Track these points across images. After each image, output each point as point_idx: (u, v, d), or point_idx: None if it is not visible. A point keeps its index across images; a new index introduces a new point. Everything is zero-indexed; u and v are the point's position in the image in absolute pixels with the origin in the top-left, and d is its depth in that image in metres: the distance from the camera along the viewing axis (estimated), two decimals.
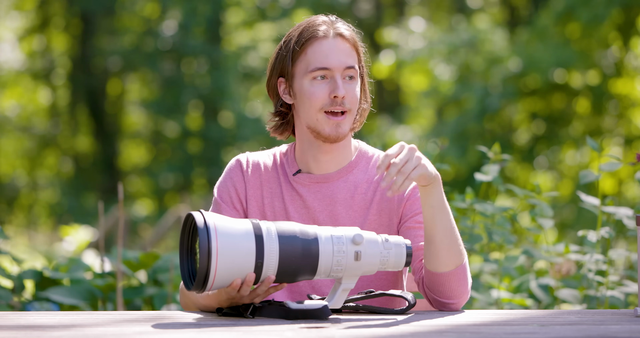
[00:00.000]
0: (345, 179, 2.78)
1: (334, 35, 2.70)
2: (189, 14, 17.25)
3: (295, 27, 2.75)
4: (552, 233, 9.83)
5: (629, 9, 12.78)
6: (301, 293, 2.75)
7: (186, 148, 17.86)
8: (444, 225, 2.60)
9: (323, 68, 2.68)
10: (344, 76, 2.69)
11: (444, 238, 2.59)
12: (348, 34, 2.72)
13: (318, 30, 2.70)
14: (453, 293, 2.63)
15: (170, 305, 4.44)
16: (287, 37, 2.74)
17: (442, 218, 2.59)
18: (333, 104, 2.68)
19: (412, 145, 2.56)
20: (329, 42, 2.69)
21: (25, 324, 2.36)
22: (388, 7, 19.60)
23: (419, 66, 14.48)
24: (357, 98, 2.72)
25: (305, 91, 2.70)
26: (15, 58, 19.62)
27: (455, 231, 2.62)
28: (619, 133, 13.73)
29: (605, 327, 2.31)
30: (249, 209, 2.79)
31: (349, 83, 2.70)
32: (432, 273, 2.62)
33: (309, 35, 2.70)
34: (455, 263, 2.61)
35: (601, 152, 3.81)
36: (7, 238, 4.25)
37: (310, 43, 2.69)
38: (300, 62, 2.71)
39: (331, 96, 2.68)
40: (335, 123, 2.70)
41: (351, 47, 2.71)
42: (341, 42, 2.70)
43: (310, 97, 2.69)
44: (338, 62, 2.68)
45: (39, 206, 20.16)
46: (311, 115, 2.71)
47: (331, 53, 2.68)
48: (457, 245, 2.61)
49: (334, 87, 2.68)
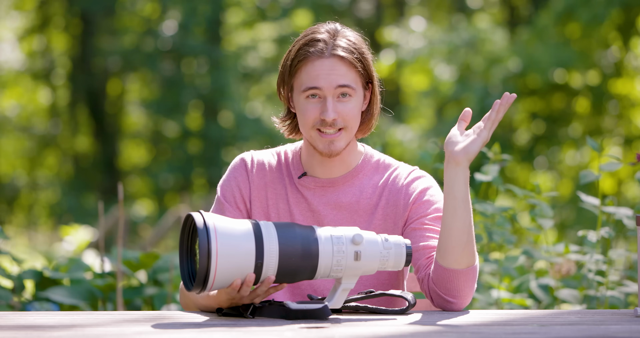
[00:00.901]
0: (350, 184, 2.78)
1: (328, 55, 2.69)
2: (189, 14, 17.24)
3: (300, 37, 2.75)
4: (552, 233, 9.84)
5: (629, 9, 12.77)
6: (301, 294, 2.75)
7: (186, 148, 17.86)
8: (464, 220, 2.59)
9: (313, 88, 2.69)
10: (336, 94, 2.69)
11: (462, 233, 2.59)
12: (344, 54, 2.69)
13: (311, 52, 2.69)
14: (459, 292, 2.62)
15: (170, 305, 4.44)
16: (292, 47, 2.75)
17: (463, 212, 2.59)
18: (323, 124, 2.69)
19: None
20: (323, 63, 2.69)
21: (25, 324, 2.35)
22: (388, 7, 19.61)
23: (419, 65, 14.48)
24: (353, 115, 2.70)
25: (300, 107, 2.72)
26: (15, 58, 19.62)
27: (473, 230, 2.62)
28: (619, 133, 13.73)
29: (605, 327, 2.31)
30: (253, 210, 2.79)
31: (343, 102, 2.69)
32: (444, 268, 2.61)
33: (303, 55, 2.70)
34: (468, 263, 2.61)
35: (601, 152, 3.81)
36: (7, 238, 4.25)
37: (304, 63, 2.70)
38: (297, 79, 2.72)
39: (320, 118, 2.69)
40: (328, 141, 2.71)
41: (347, 67, 2.69)
42: (336, 62, 2.69)
43: (303, 114, 2.71)
44: (329, 82, 2.68)
45: (39, 206, 20.16)
46: (306, 131, 2.73)
47: (322, 73, 2.68)
48: (472, 245, 2.62)
49: (323, 110, 2.68)
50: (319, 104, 2.69)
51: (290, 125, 2.83)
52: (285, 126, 2.84)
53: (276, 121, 2.85)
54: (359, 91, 2.73)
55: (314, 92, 2.69)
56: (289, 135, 2.85)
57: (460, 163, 2.59)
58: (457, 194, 2.59)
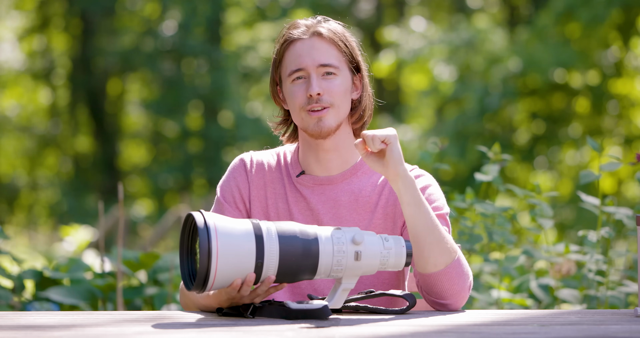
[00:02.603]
0: (349, 182, 2.78)
1: (310, 35, 2.72)
2: (189, 14, 17.25)
3: (279, 34, 2.77)
4: (552, 233, 9.84)
5: (629, 9, 12.77)
6: (301, 293, 2.75)
7: (186, 148, 17.86)
8: (426, 222, 2.59)
9: (297, 70, 2.70)
10: (320, 73, 2.70)
11: (427, 236, 2.58)
12: (325, 31, 2.72)
13: (293, 34, 2.73)
14: (446, 293, 2.62)
15: (170, 305, 4.44)
16: (277, 43, 2.77)
17: (422, 215, 2.59)
18: (310, 102, 2.70)
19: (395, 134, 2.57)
20: (304, 43, 2.71)
21: (25, 324, 2.35)
22: (388, 7, 19.60)
23: (419, 65, 14.48)
24: (339, 92, 2.71)
25: (288, 93, 2.73)
26: (15, 58, 19.62)
27: (439, 228, 2.60)
28: (619, 133, 13.73)
29: (605, 327, 2.31)
30: (252, 210, 2.79)
31: (328, 79, 2.70)
32: (423, 274, 2.61)
33: (284, 40, 2.74)
34: (445, 262, 2.60)
35: (601, 152, 3.81)
36: (7, 238, 4.25)
37: (286, 48, 2.73)
38: (282, 68, 2.75)
39: (307, 95, 2.69)
40: (317, 118, 2.70)
41: (328, 45, 2.72)
42: (317, 41, 2.72)
43: (291, 98, 2.72)
44: (311, 60, 2.70)
45: (39, 206, 20.16)
46: (296, 115, 2.73)
47: (304, 53, 2.70)
48: (444, 242, 2.60)
49: (308, 86, 2.69)
50: (304, 84, 2.71)
51: (285, 125, 2.83)
52: (281, 128, 2.84)
53: (273, 125, 2.86)
54: (344, 72, 2.73)
55: (299, 74, 2.70)
56: (286, 141, 2.86)
57: (398, 176, 2.57)
58: (409, 200, 2.58)
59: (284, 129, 2.85)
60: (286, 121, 2.84)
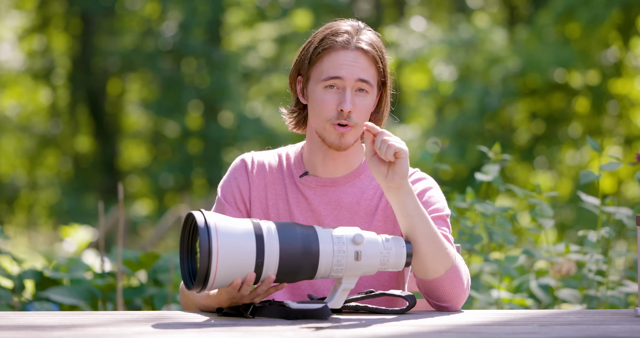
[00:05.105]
0: (352, 184, 2.78)
1: (353, 48, 2.70)
2: (189, 14, 17.24)
3: (322, 29, 2.75)
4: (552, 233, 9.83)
5: (629, 9, 12.77)
6: (301, 293, 2.75)
7: (186, 148, 17.85)
8: (426, 233, 2.59)
9: (335, 77, 2.68)
10: (355, 88, 2.69)
11: (428, 246, 2.58)
12: (368, 49, 2.71)
13: (337, 42, 2.70)
14: (448, 296, 2.63)
15: (170, 305, 4.44)
16: (312, 38, 2.75)
17: (422, 225, 2.59)
18: (339, 117, 2.68)
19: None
20: (347, 54, 2.69)
21: (25, 324, 2.35)
22: (388, 7, 19.60)
23: (419, 65, 14.48)
24: (366, 112, 2.70)
25: (316, 97, 2.70)
26: (15, 58, 19.62)
27: (438, 236, 2.60)
28: (619, 133, 13.73)
29: (605, 327, 2.31)
30: (253, 211, 2.79)
31: (360, 96, 2.69)
32: (424, 281, 2.62)
33: (328, 44, 2.70)
34: (445, 268, 2.61)
35: (601, 152, 3.81)
36: (7, 238, 4.25)
37: (327, 52, 2.70)
38: (316, 68, 2.71)
39: (338, 109, 2.68)
40: (340, 134, 2.70)
41: (369, 62, 2.71)
42: (360, 56, 2.70)
43: (320, 105, 2.69)
44: (350, 74, 2.67)
45: (39, 206, 20.15)
46: (319, 123, 2.71)
47: (345, 64, 2.68)
48: (443, 249, 2.60)
49: (342, 100, 2.67)
50: (337, 95, 2.68)
51: (297, 117, 2.83)
52: (292, 118, 2.83)
53: (284, 112, 2.85)
54: (374, 90, 2.73)
55: (334, 82, 2.68)
56: (293, 128, 2.84)
57: (400, 187, 2.58)
58: (410, 212, 2.58)
59: (296, 116, 2.83)
60: (299, 111, 2.82)
